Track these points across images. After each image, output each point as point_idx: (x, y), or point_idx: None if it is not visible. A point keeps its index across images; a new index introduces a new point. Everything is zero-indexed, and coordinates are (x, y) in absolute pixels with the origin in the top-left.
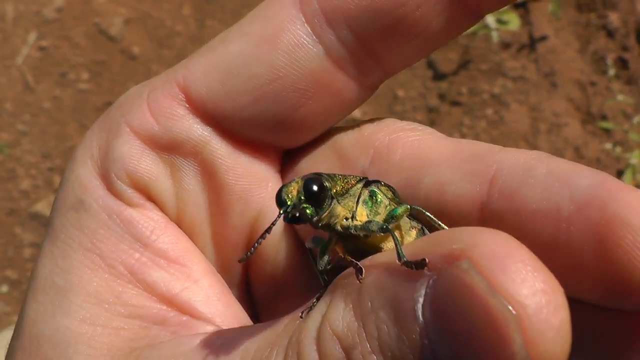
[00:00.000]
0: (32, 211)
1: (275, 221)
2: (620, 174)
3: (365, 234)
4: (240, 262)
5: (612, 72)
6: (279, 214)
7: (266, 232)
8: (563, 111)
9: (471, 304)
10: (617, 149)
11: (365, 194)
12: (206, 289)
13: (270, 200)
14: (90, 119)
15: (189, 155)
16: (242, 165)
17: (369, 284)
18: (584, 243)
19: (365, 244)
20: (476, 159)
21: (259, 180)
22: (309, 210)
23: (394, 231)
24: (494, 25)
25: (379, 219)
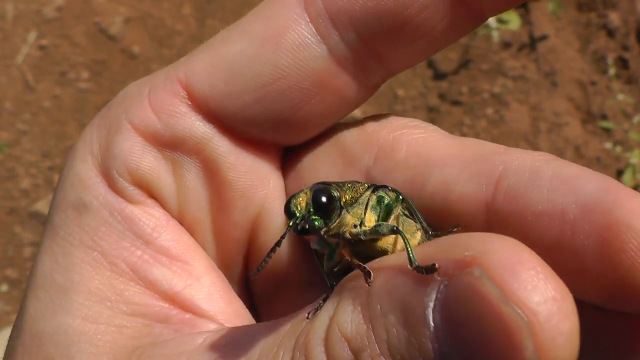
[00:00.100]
0: (32, 210)
1: (285, 234)
2: (620, 173)
3: (375, 238)
4: (252, 275)
5: (612, 71)
6: (288, 227)
7: (276, 245)
8: (563, 110)
9: (483, 311)
10: (617, 148)
11: (373, 200)
12: (208, 286)
13: (271, 197)
14: (90, 118)
15: (191, 153)
16: (244, 162)
17: (378, 287)
18: (588, 246)
19: (372, 248)
20: (482, 159)
21: (260, 178)
22: (317, 223)
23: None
24: (495, 25)
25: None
